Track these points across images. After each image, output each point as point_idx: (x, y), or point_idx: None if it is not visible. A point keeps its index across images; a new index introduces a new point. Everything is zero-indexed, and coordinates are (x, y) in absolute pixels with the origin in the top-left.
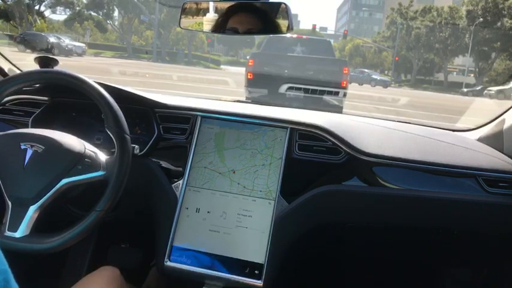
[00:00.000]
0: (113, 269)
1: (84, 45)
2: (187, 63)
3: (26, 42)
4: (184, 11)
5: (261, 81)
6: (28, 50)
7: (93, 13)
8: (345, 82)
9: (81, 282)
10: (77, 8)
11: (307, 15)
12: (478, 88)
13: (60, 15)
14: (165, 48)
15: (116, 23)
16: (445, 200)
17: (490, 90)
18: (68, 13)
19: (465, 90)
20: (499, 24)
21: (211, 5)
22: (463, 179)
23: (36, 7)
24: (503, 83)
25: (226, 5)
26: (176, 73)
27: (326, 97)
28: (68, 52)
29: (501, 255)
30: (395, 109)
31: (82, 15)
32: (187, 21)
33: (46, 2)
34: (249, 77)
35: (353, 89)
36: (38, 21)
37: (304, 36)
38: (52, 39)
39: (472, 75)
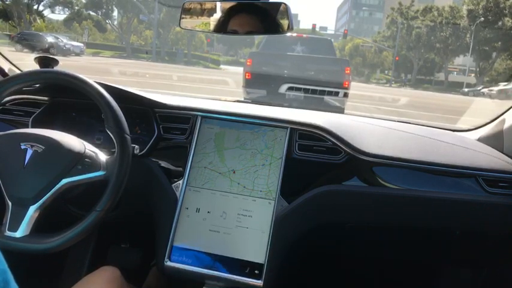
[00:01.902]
0: (113, 269)
1: (82, 44)
2: (187, 63)
3: (23, 41)
4: (184, 11)
5: (260, 82)
6: (26, 50)
7: (92, 13)
8: (347, 82)
9: (81, 282)
10: (76, 8)
11: (307, 14)
12: (479, 88)
13: (59, 15)
14: (165, 48)
15: (115, 23)
16: (445, 200)
17: (491, 90)
18: (67, 13)
19: (466, 90)
20: (500, 23)
21: (211, 5)
22: (463, 179)
23: (35, 6)
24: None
25: (227, 5)
26: (176, 73)
27: (327, 98)
28: (66, 52)
29: (501, 255)
30: (396, 110)
31: (81, 14)
32: (187, 21)
33: (45, 2)
34: (247, 77)
35: (353, 88)
36: (38, 20)
37: (304, 35)
38: (50, 39)
39: (473, 75)
